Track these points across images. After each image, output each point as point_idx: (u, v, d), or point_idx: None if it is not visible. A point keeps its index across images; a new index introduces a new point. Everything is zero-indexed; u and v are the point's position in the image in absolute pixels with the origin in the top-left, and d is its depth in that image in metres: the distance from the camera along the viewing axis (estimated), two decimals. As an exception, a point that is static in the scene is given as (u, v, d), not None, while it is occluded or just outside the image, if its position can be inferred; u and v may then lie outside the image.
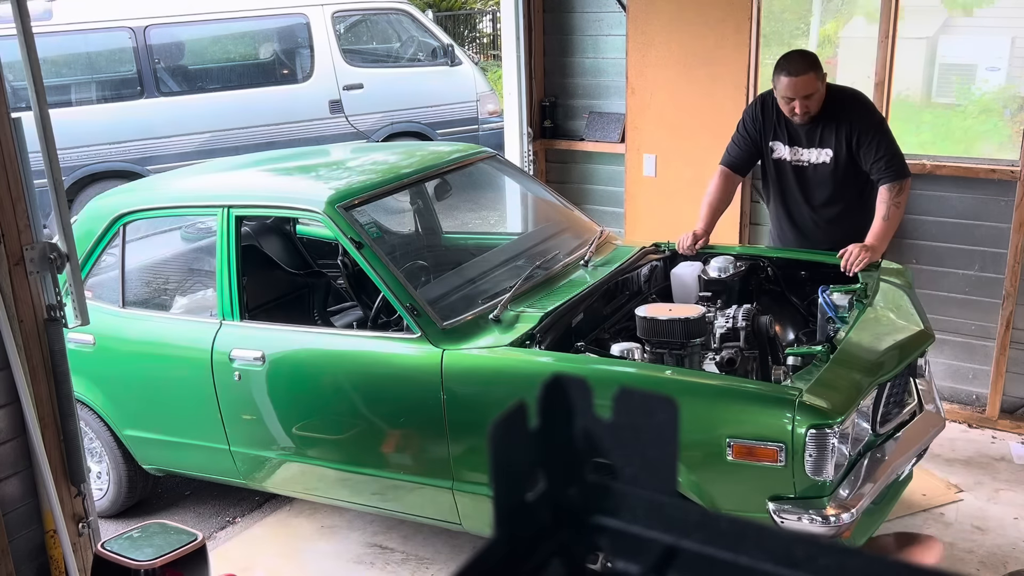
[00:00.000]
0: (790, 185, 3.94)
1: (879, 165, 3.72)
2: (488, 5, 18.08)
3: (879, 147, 3.71)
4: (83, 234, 3.83)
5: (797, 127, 3.83)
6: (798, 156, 3.88)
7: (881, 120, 3.86)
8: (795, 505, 2.74)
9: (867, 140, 3.71)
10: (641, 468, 0.57)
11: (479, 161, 4.25)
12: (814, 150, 3.83)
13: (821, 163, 3.83)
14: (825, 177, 3.84)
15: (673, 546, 0.55)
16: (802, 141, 3.85)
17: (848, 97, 3.84)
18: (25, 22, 2.78)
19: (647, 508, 0.56)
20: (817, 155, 3.83)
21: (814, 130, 3.80)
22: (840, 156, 3.77)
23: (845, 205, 3.89)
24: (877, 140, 3.72)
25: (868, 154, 3.72)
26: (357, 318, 4.13)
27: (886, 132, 3.77)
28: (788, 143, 3.89)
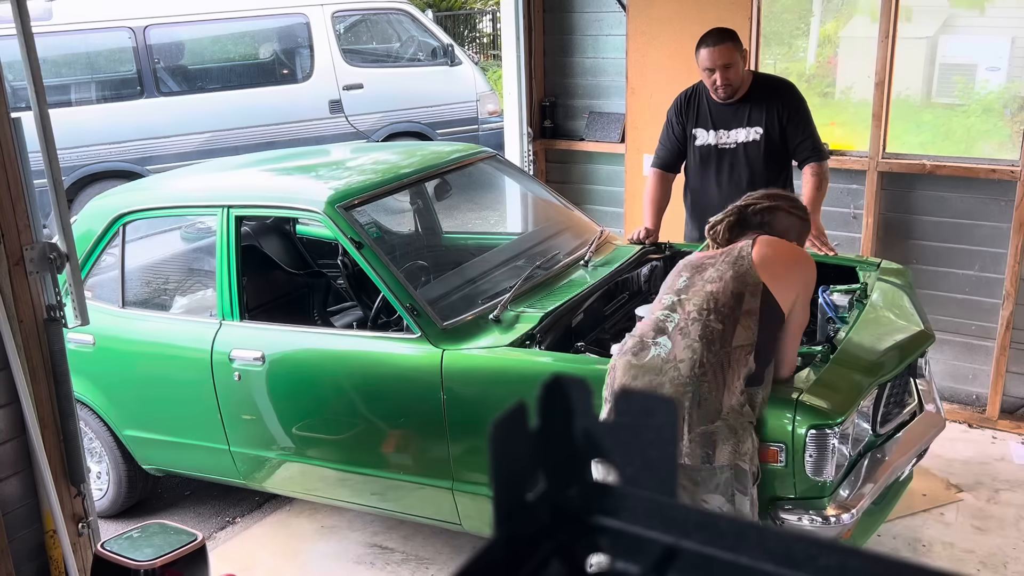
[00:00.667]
0: (716, 170, 4.02)
1: (806, 144, 3.90)
2: (488, 5, 18.08)
3: (805, 128, 3.91)
4: (83, 234, 3.83)
5: (722, 109, 3.95)
6: (723, 139, 3.98)
7: (807, 105, 3.99)
8: (795, 505, 2.74)
9: (795, 120, 3.89)
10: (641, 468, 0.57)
11: (479, 161, 4.25)
12: (742, 130, 3.94)
13: (751, 141, 3.93)
14: (755, 155, 3.94)
15: (673, 546, 0.55)
16: (728, 123, 3.96)
17: (778, 80, 4.07)
18: (25, 22, 2.77)
19: (647, 508, 0.56)
20: (747, 134, 3.94)
21: (741, 110, 3.93)
22: (771, 133, 3.91)
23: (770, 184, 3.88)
24: (804, 122, 3.91)
25: (795, 133, 3.89)
26: (357, 318, 4.13)
27: (811, 117, 3.96)
28: (712, 127, 3.99)
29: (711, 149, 4.02)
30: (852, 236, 4.70)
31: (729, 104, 3.94)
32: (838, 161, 4.74)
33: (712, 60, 3.81)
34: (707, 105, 4.01)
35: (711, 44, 3.82)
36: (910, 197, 4.53)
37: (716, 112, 3.98)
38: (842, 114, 5.54)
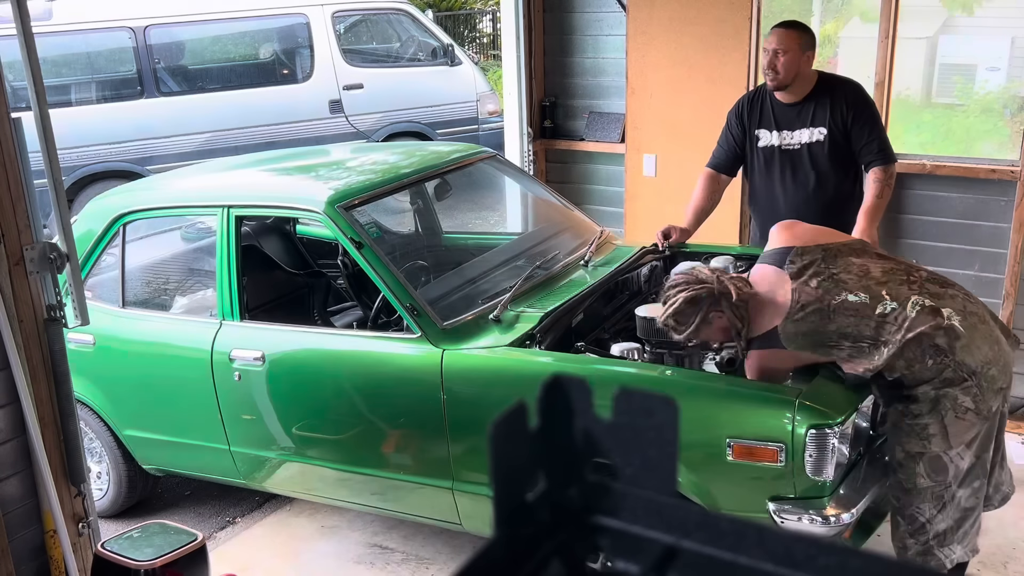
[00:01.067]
0: (780, 172, 3.94)
1: (871, 147, 3.78)
2: (488, 5, 18.08)
3: (872, 129, 3.79)
4: (83, 234, 3.83)
5: (785, 110, 3.88)
6: (787, 140, 3.90)
7: (874, 106, 3.92)
8: (795, 505, 2.74)
9: (861, 120, 3.78)
10: (641, 468, 0.57)
11: (479, 161, 4.25)
12: (805, 130, 3.86)
13: (815, 142, 3.85)
14: (819, 156, 3.86)
15: (673, 546, 0.55)
16: (791, 124, 3.88)
17: (844, 81, 3.94)
18: (25, 22, 2.77)
19: (647, 508, 0.56)
20: (810, 134, 3.85)
21: (805, 110, 3.84)
22: (835, 133, 3.81)
23: (836, 187, 3.90)
24: (871, 122, 3.80)
25: (861, 134, 3.78)
26: (357, 318, 4.13)
27: (878, 118, 3.86)
28: (775, 128, 3.91)
29: (775, 150, 3.92)
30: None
31: (792, 104, 3.85)
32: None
33: (771, 40, 3.77)
34: (770, 105, 3.91)
35: (780, 26, 3.79)
36: (910, 197, 4.53)
37: (779, 112, 3.89)
38: (842, 114, 5.54)
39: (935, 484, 2.77)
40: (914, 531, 2.84)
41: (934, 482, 2.77)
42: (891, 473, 2.86)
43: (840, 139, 3.81)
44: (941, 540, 2.82)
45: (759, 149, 3.96)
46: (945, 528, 2.82)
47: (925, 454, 2.76)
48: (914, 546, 2.85)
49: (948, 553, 2.84)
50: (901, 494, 2.84)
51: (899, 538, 2.89)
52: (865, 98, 3.87)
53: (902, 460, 2.81)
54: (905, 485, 2.81)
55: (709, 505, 2.82)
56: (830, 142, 3.82)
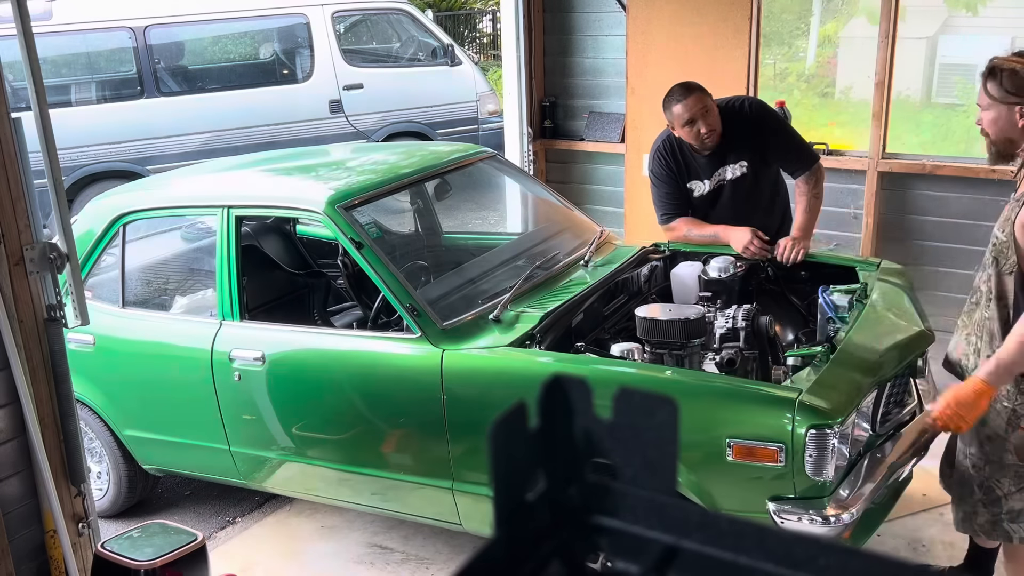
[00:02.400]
0: (718, 208, 3.90)
1: (790, 158, 3.82)
2: (488, 5, 18.08)
3: (787, 142, 3.81)
4: (83, 234, 3.83)
5: (703, 157, 3.82)
6: (720, 179, 3.86)
7: (775, 114, 3.90)
8: (795, 505, 2.74)
9: (774, 140, 3.80)
10: (641, 468, 0.57)
11: (479, 161, 4.25)
12: (728, 168, 3.83)
13: (739, 176, 3.82)
14: (749, 185, 3.84)
15: (673, 546, 0.55)
16: (714, 168, 3.83)
17: (740, 106, 3.86)
18: (25, 22, 2.77)
19: (647, 508, 0.56)
20: (733, 171, 3.83)
21: (719, 151, 3.79)
22: (755, 162, 3.80)
23: (771, 205, 3.95)
24: (783, 136, 3.82)
25: (777, 152, 3.81)
26: (357, 318, 4.13)
27: (786, 125, 3.87)
28: (704, 177, 3.87)
29: (707, 194, 3.90)
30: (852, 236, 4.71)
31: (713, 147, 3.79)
32: (838, 161, 4.74)
33: (690, 111, 3.67)
34: (690, 156, 3.86)
35: (680, 97, 3.69)
36: (910, 197, 4.53)
37: (701, 161, 3.85)
38: (842, 114, 5.54)
39: (1020, 464, 2.84)
40: (989, 501, 2.91)
41: (1021, 461, 2.84)
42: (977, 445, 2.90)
43: (760, 163, 3.82)
44: (1013, 516, 2.90)
45: (695, 199, 3.92)
46: (1021, 508, 2.89)
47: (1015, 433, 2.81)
48: (984, 515, 2.92)
49: (1017, 529, 2.91)
50: (983, 464, 2.90)
51: (970, 504, 2.95)
52: (764, 115, 3.85)
53: (991, 435, 2.86)
54: (991, 457, 2.87)
55: (709, 505, 2.82)
56: (752, 172, 3.82)
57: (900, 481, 3.23)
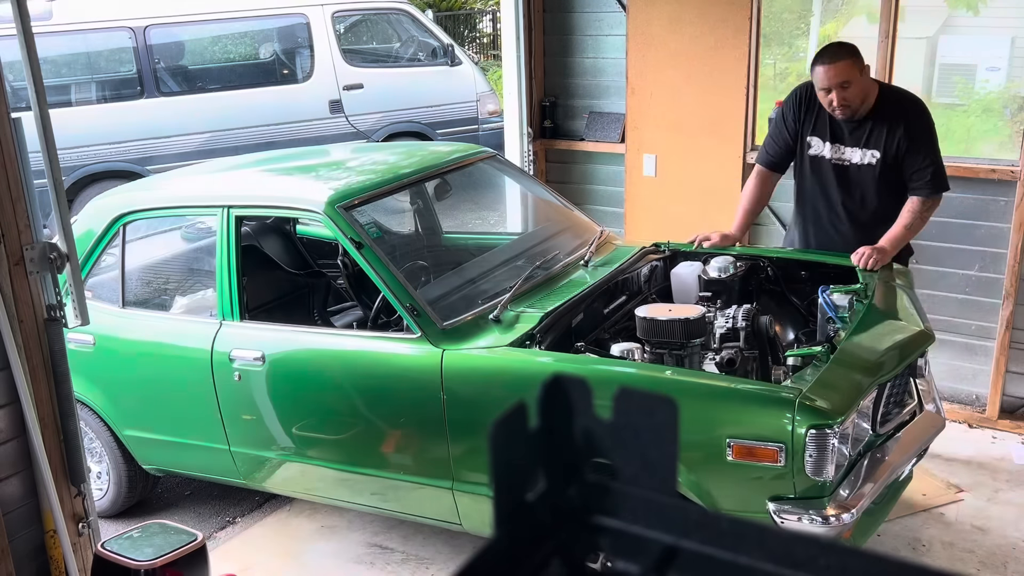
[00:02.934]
0: (826, 184, 3.75)
1: (921, 175, 3.58)
2: (488, 5, 18.08)
3: (926, 156, 3.57)
4: (83, 234, 3.83)
5: (842, 124, 3.64)
6: (840, 154, 3.69)
7: (934, 130, 3.64)
8: (795, 505, 2.74)
9: (916, 146, 3.56)
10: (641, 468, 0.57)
11: (479, 161, 4.25)
12: (858, 150, 3.64)
13: (866, 164, 3.63)
14: (868, 179, 3.67)
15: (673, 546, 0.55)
16: (845, 139, 3.66)
17: (906, 99, 3.68)
18: (25, 22, 2.78)
19: (647, 508, 0.56)
20: (862, 155, 3.64)
21: (862, 128, 3.62)
22: (888, 159, 3.60)
23: (881, 211, 3.72)
24: (926, 149, 3.57)
25: (913, 161, 3.57)
26: (357, 318, 4.13)
27: (935, 144, 3.62)
28: (830, 139, 3.68)
29: (825, 163, 3.72)
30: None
31: (850, 120, 3.62)
32: (838, 161, 4.74)
33: (828, 79, 3.48)
34: (827, 114, 3.66)
35: (827, 61, 3.49)
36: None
37: (836, 124, 3.65)
38: (842, 114, 5.53)
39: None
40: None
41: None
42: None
43: (892, 164, 3.61)
44: None
45: (808, 156, 3.77)
46: None
47: None
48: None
49: None
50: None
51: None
52: (927, 123, 3.62)
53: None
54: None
55: (709, 505, 2.82)
56: (882, 166, 3.62)
57: (900, 481, 3.23)
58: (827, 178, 3.74)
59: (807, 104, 3.73)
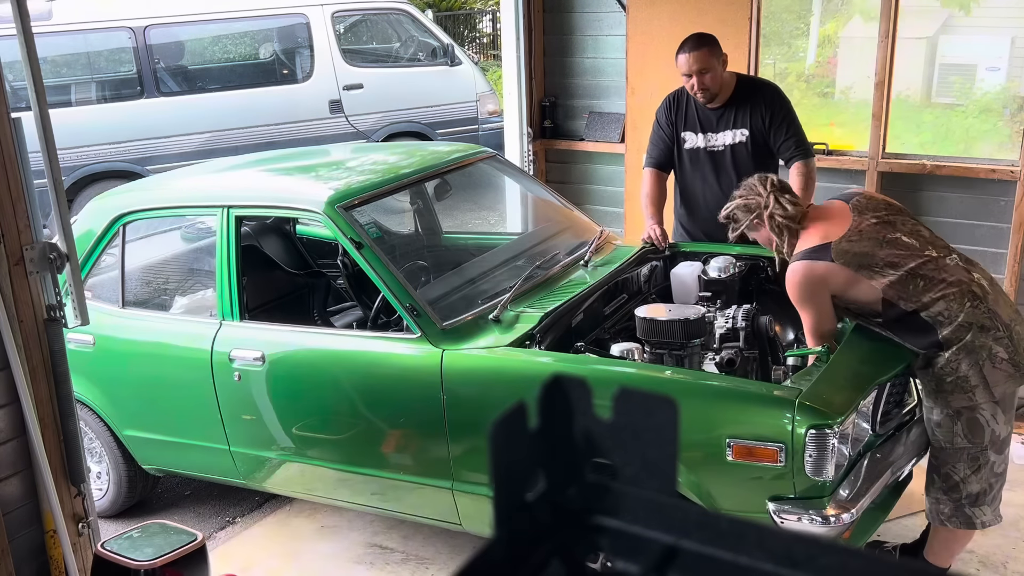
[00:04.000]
0: (704, 172, 4.04)
1: (789, 143, 3.90)
2: (488, 5, 18.08)
3: (789, 127, 3.91)
4: (83, 234, 3.83)
5: (708, 113, 3.98)
6: (711, 142, 4.01)
7: (790, 104, 3.99)
8: (795, 505, 2.74)
9: (778, 119, 3.90)
10: (641, 468, 0.57)
11: (479, 161, 4.25)
12: (728, 132, 3.97)
13: (738, 143, 3.97)
14: (742, 157, 3.96)
15: (673, 546, 0.55)
16: (713, 126, 3.99)
17: (760, 82, 4.12)
18: (25, 22, 2.77)
19: (647, 508, 0.56)
20: (732, 136, 3.97)
21: (727, 113, 3.95)
22: (756, 134, 3.93)
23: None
24: (788, 120, 3.92)
25: (779, 132, 3.90)
26: (357, 318, 4.13)
27: (795, 116, 3.96)
28: (700, 131, 4.02)
29: (699, 152, 4.04)
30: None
31: (715, 108, 3.96)
32: (838, 161, 4.74)
33: (688, 65, 3.84)
34: (694, 108, 4.02)
35: (687, 50, 3.85)
36: (910, 197, 4.53)
37: (703, 115, 4.00)
38: (842, 114, 5.54)
39: (972, 446, 2.92)
40: (948, 488, 3.00)
41: (971, 443, 2.92)
42: (930, 433, 3.01)
43: (760, 139, 3.94)
44: (973, 500, 2.98)
45: (685, 151, 4.07)
46: (978, 491, 2.97)
47: (963, 414, 2.90)
48: (946, 503, 3.01)
49: (979, 514, 2.99)
50: (939, 452, 3.00)
51: (932, 494, 3.05)
52: (782, 98, 3.98)
53: (941, 420, 2.96)
54: (943, 444, 2.97)
55: (709, 505, 2.82)
56: (751, 142, 3.95)
57: (900, 481, 3.23)
58: (704, 166, 4.06)
59: (676, 105, 4.09)
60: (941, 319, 2.88)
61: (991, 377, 2.87)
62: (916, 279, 2.90)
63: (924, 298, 2.89)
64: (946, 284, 2.89)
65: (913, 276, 2.90)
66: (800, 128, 3.96)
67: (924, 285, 2.89)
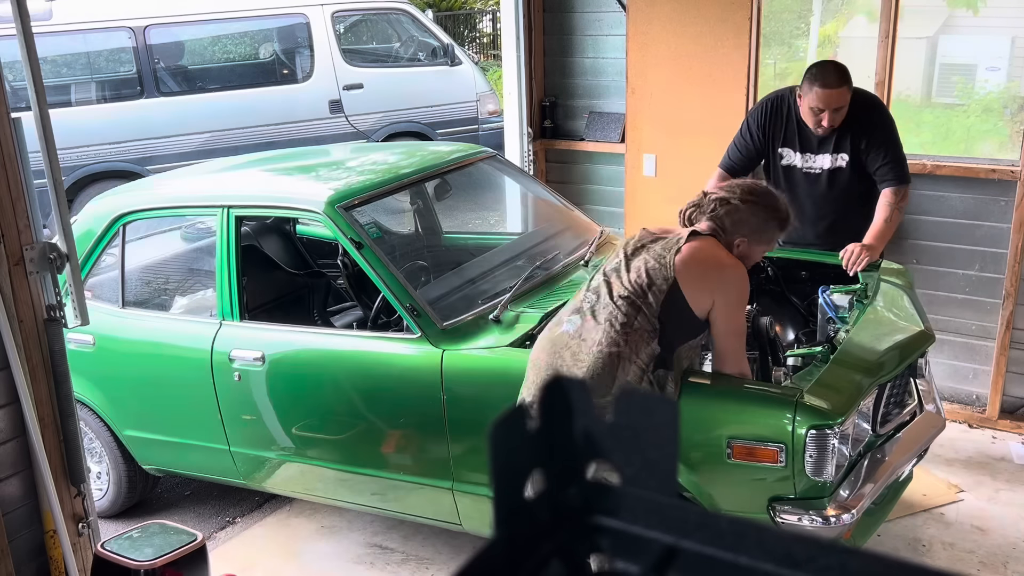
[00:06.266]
0: (798, 191, 3.87)
1: (885, 169, 3.72)
2: (488, 5, 18.08)
3: (888, 151, 3.72)
4: (83, 234, 3.83)
5: (811, 132, 3.80)
6: (809, 163, 3.85)
7: (894, 125, 3.82)
8: (795, 506, 2.74)
9: (877, 143, 3.72)
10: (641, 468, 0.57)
11: (479, 161, 4.25)
12: (828, 156, 3.80)
13: (837, 167, 3.80)
14: (839, 181, 3.81)
15: (673, 546, 0.55)
16: (816, 148, 3.82)
17: (868, 101, 3.84)
18: (25, 22, 2.78)
19: (647, 508, 0.56)
20: (832, 160, 3.80)
21: (829, 136, 3.77)
22: (856, 158, 3.76)
23: (849, 211, 3.86)
24: (887, 144, 3.73)
25: (876, 157, 3.72)
26: (357, 318, 4.13)
27: (896, 137, 3.78)
28: (799, 149, 3.85)
29: (795, 171, 3.88)
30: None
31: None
32: (838, 161, 4.74)
33: (827, 103, 3.64)
34: (795, 124, 3.84)
35: (830, 86, 3.62)
36: (910, 197, 4.53)
37: (804, 134, 3.83)
38: (842, 114, 5.53)
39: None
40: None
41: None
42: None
43: (859, 164, 3.77)
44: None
45: (781, 166, 3.91)
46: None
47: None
48: None
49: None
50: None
51: None
52: (888, 121, 3.80)
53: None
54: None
55: (709, 505, 2.82)
56: (851, 168, 3.78)
57: (900, 481, 3.23)
58: (798, 186, 3.89)
59: (775, 115, 3.89)
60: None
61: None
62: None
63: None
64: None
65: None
66: (899, 151, 3.75)
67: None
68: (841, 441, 2.73)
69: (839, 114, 3.67)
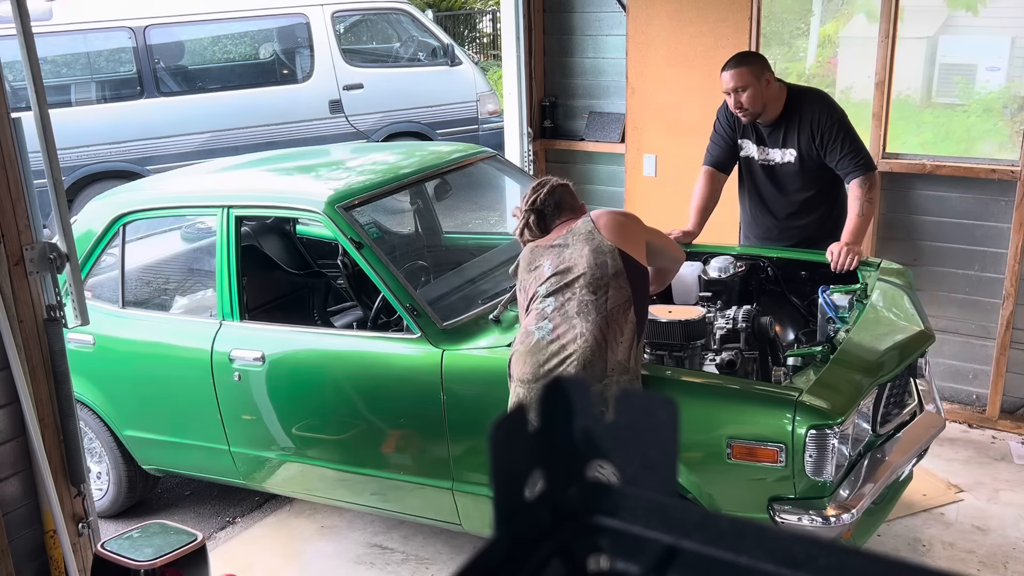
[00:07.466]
0: (760, 182, 3.99)
1: (844, 161, 3.76)
2: (488, 5, 18.08)
3: (843, 144, 3.75)
4: (83, 234, 3.83)
5: (761, 128, 3.90)
6: (765, 155, 3.94)
7: (842, 116, 3.82)
8: (795, 505, 2.74)
9: (830, 138, 3.75)
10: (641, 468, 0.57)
11: (479, 161, 4.25)
12: (778, 150, 3.88)
13: (786, 162, 3.88)
14: (791, 175, 3.90)
15: (673, 546, 0.55)
16: (768, 141, 3.90)
17: (807, 97, 3.87)
18: (25, 22, 2.77)
19: (647, 508, 0.56)
20: (782, 155, 3.88)
21: (776, 131, 3.86)
22: (804, 155, 3.81)
23: (808, 203, 3.93)
24: (840, 137, 3.75)
25: (833, 152, 3.76)
26: (357, 318, 4.13)
27: (848, 128, 3.80)
28: (756, 142, 3.94)
29: (753, 162, 3.97)
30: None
31: (767, 124, 3.87)
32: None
33: (725, 83, 3.78)
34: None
35: (728, 67, 3.77)
36: (910, 197, 4.53)
37: (757, 127, 3.91)
38: (842, 114, 5.53)
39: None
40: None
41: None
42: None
43: (810, 160, 3.81)
44: None
45: (742, 157, 4.02)
46: None
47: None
48: None
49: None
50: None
51: None
52: (830, 113, 3.80)
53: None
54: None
55: (709, 505, 2.82)
56: (799, 164, 3.83)
57: (900, 481, 3.23)
58: (758, 177, 3.99)
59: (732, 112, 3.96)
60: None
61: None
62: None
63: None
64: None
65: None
66: (855, 140, 3.78)
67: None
68: (841, 441, 2.73)
69: (745, 95, 3.73)
